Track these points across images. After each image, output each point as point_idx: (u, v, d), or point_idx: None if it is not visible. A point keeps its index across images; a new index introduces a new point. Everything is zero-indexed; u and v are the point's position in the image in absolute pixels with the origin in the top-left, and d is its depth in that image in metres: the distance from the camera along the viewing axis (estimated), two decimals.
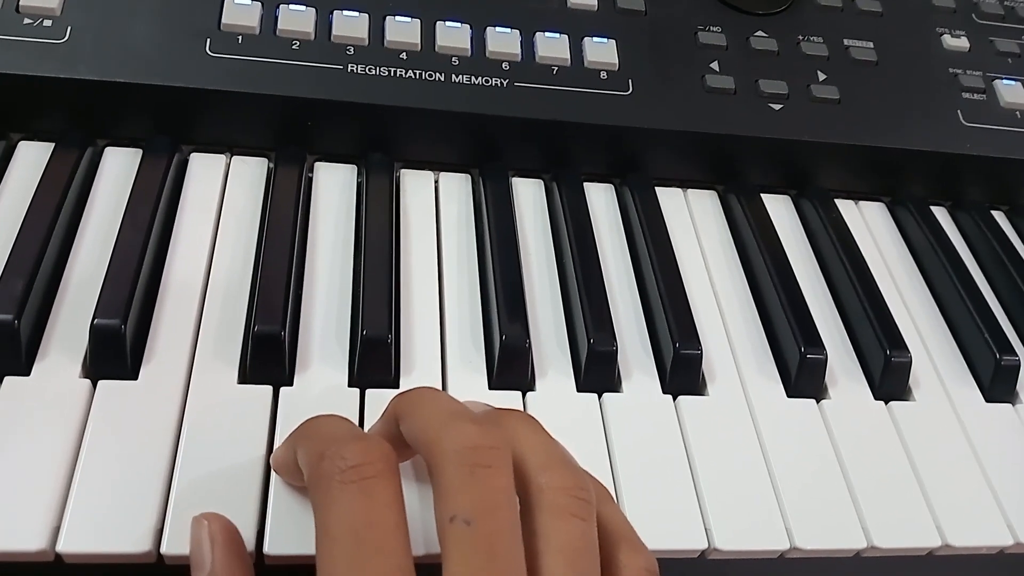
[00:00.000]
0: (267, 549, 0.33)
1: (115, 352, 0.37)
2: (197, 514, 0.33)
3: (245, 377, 0.38)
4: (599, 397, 0.41)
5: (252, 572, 0.32)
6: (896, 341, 0.45)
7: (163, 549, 0.32)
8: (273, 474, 0.35)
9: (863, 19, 0.57)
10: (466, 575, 0.27)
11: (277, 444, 0.36)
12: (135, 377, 0.37)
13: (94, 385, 0.37)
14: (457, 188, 0.50)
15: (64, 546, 0.32)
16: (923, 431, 0.43)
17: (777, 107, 0.51)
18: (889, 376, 0.45)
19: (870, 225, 0.54)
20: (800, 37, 0.55)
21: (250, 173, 0.47)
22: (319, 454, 0.30)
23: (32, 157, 0.45)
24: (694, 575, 0.39)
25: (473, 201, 0.49)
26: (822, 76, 0.53)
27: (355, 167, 0.49)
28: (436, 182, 0.50)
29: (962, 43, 0.57)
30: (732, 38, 0.53)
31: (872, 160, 0.53)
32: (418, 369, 0.41)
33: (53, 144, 0.45)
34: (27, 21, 0.45)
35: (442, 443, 0.29)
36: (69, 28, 0.45)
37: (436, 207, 0.48)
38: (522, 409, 0.40)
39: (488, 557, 0.27)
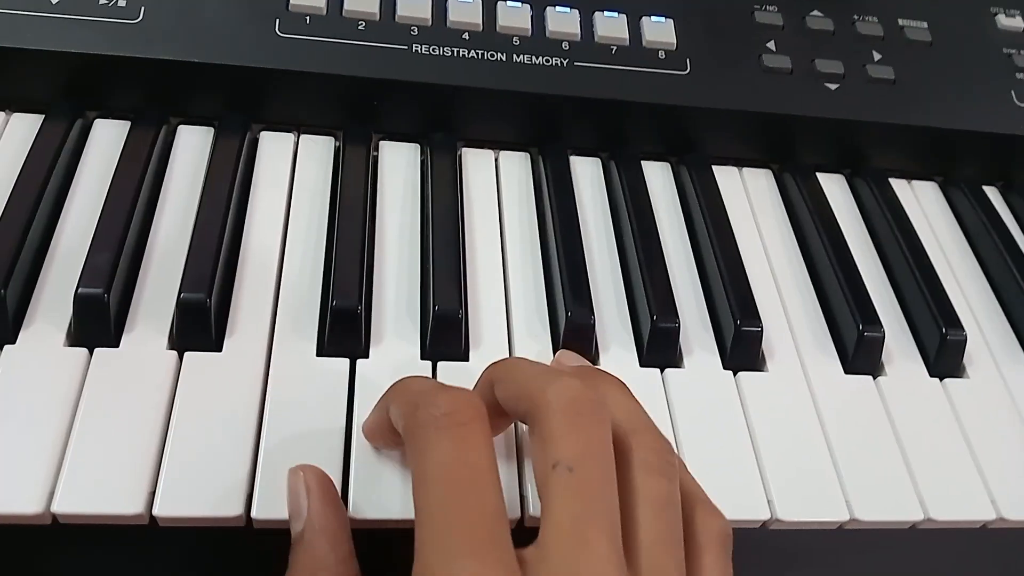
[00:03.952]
0: (351, 513, 0.34)
1: (200, 325, 0.38)
2: (293, 466, 0.34)
3: (323, 350, 0.40)
4: (661, 372, 0.42)
5: (347, 520, 0.33)
6: (951, 319, 0.46)
7: (254, 514, 0.34)
8: (354, 442, 0.36)
9: None
10: (567, 519, 0.28)
11: (355, 414, 0.37)
12: (219, 349, 0.39)
13: (180, 356, 0.38)
14: (517, 167, 0.50)
15: (160, 510, 0.34)
16: (977, 407, 0.44)
17: (833, 87, 0.52)
18: (944, 353, 0.45)
19: (923, 205, 0.55)
20: (856, 16, 0.55)
21: (318, 151, 0.48)
22: (414, 405, 0.31)
23: (109, 135, 0.46)
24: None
25: (533, 179, 0.50)
26: (877, 56, 0.54)
27: (418, 145, 0.50)
28: (496, 160, 0.51)
29: (1016, 23, 0.57)
30: (788, 17, 0.54)
31: (926, 141, 0.54)
32: (486, 342, 0.42)
33: (129, 122, 0.46)
34: (102, 1, 0.45)
35: (546, 394, 0.30)
36: (143, 8, 0.46)
37: (497, 185, 0.49)
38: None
39: (588, 502, 0.28)
